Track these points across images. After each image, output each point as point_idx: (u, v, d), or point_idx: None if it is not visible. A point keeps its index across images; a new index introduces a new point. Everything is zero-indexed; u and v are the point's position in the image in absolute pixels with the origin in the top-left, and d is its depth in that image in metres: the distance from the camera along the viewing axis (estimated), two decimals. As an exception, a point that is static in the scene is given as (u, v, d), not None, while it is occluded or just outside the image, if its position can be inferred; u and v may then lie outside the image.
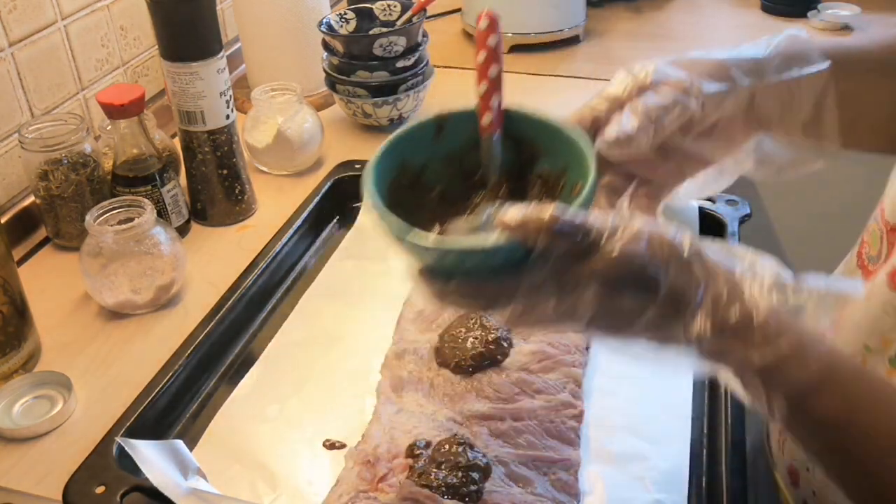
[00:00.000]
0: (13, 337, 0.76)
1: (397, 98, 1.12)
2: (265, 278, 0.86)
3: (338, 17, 1.16)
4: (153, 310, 0.85)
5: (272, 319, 0.85)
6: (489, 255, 0.45)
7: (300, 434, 0.70)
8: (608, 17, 1.54)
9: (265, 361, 0.78)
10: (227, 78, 0.93)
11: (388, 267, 0.90)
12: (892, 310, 0.57)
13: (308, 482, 0.66)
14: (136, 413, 0.69)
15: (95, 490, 0.62)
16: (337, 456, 0.67)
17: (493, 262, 0.45)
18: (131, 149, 0.90)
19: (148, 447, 0.64)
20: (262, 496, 0.65)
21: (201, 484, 0.63)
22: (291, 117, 1.05)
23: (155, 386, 0.72)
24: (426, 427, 0.66)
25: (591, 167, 0.48)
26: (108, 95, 0.87)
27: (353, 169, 1.01)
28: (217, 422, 0.72)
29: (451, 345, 0.73)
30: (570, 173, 0.51)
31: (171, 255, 0.84)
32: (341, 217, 0.99)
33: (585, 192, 0.47)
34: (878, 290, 0.59)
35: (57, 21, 1.00)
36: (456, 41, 1.47)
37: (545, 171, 0.53)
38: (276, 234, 0.91)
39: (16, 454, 0.70)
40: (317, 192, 0.98)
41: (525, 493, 0.61)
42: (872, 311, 0.59)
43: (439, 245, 0.46)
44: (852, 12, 1.46)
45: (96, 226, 0.81)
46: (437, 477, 0.61)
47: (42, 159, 0.90)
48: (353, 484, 0.62)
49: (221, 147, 0.95)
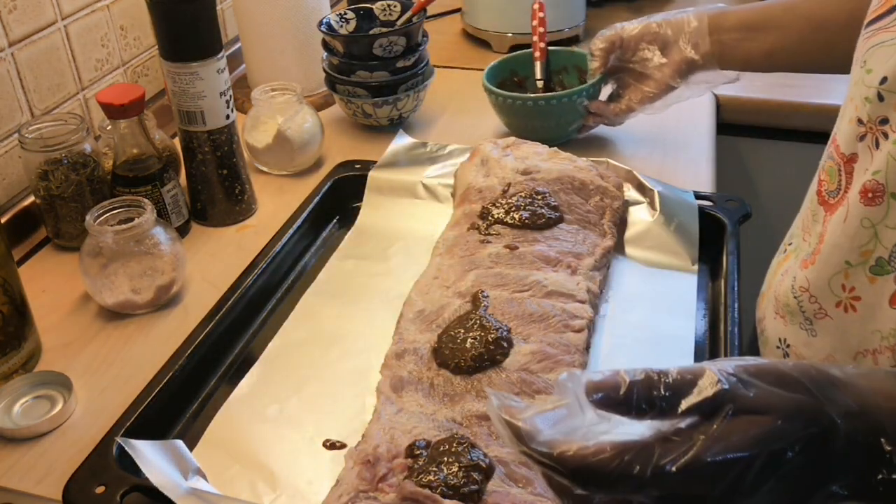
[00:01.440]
0: (13, 337, 0.76)
1: (397, 98, 1.12)
2: (265, 278, 0.86)
3: (338, 17, 1.16)
4: (153, 310, 0.85)
5: (272, 319, 0.84)
6: None
7: (300, 434, 0.70)
8: (608, 17, 1.53)
9: (265, 361, 0.78)
10: (227, 78, 0.93)
11: (388, 267, 0.90)
12: (869, 223, 0.65)
13: (308, 482, 0.66)
14: (136, 413, 0.69)
15: (95, 490, 0.62)
16: (337, 456, 0.67)
17: None
18: (131, 149, 0.90)
19: (148, 447, 0.64)
20: (262, 496, 0.65)
21: (201, 484, 0.63)
22: (291, 117, 1.05)
23: (155, 386, 0.71)
24: (426, 427, 0.66)
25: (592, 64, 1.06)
26: (108, 95, 0.87)
27: (353, 169, 1.01)
28: (217, 422, 0.72)
29: (451, 345, 0.73)
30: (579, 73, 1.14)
31: (171, 255, 0.84)
32: (341, 217, 0.99)
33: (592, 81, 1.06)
34: (853, 211, 0.66)
35: (57, 21, 1.00)
36: (456, 41, 1.47)
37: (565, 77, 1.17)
38: (276, 234, 0.91)
39: (16, 454, 0.70)
40: (317, 192, 0.98)
41: (525, 492, 0.61)
42: (850, 229, 0.66)
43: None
44: (852, 12, 1.46)
45: (96, 226, 0.81)
46: (437, 477, 0.61)
47: (42, 159, 0.90)
48: (353, 484, 0.62)
49: (221, 147, 0.95)
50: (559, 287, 0.78)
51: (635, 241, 0.90)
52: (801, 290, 0.73)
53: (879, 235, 0.65)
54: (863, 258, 0.67)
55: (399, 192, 0.99)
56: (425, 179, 0.99)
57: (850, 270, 0.68)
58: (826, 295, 0.71)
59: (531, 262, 0.81)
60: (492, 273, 0.80)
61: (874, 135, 0.65)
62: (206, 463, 0.66)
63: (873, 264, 0.66)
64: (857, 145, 0.67)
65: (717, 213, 0.89)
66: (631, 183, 0.94)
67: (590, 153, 1.02)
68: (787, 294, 0.76)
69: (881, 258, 0.65)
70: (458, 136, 1.11)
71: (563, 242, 0.84)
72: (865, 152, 0.67)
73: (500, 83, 1.13)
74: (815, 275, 0.71)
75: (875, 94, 0.64)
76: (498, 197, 0.88)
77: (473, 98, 1.22)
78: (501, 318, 0.75)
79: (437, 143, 1.03)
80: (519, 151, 0.95)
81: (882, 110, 0.64)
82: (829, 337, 0.72)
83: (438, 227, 0.91)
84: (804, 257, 0.74)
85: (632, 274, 0.87)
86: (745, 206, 0.90)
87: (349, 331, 0.81)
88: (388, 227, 0.96)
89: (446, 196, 0.98)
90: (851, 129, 0.68)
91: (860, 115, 0.66)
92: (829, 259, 0.69)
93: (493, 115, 1.13)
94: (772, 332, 0.80)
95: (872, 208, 0.65)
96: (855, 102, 0.68)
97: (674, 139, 1.11)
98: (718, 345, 0.77)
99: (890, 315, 0.66)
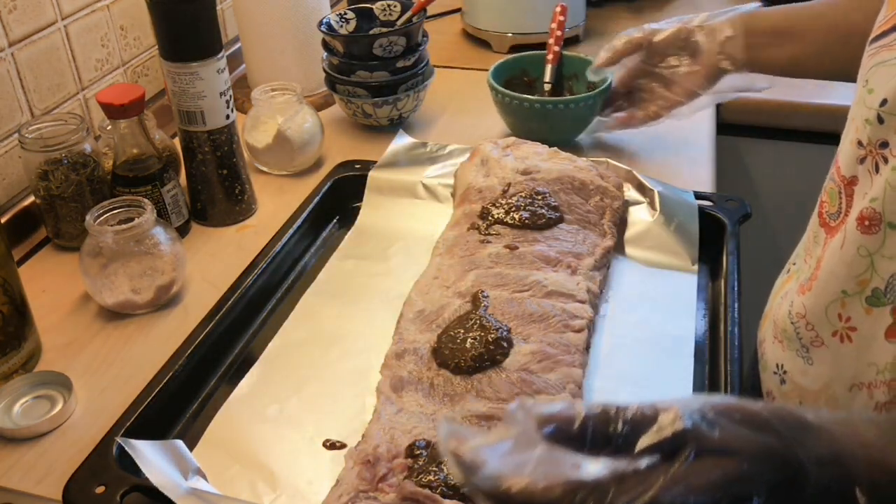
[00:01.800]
0: (13, 337, 0.76)
1: (397, 98, 1.12)
2: (265, 278, 0.86)
3: (338, 17, 1.16)
4: (153, 310, 0.85)
5: (272, 319, 0.84)
6: None
7: (300, 434, 0.70)
8: (608, 17, 1.54)
9: (265, 361, 0.78)
10: (227, 78, 0.93)
11: (389, 267, 0.90)
12: (866, 252, 0.62)
13: (308, 482, 0.66)
14: (136, 413, 0.69)
15: (95, 490, 0.62)
16: (337, 456, 0.67)
17: None
18: (131, 149, 0.90)
19: (148, 447, 0.64)
20: (262, 496, 0.65)
21: (201, 484, 0.63)
22: (291, 117, 1.05)
23: (155, 386, 0.71)
24: (426, 427, 0.66)
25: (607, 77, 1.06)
26: (108, 95, 0.87)
27: (353, 169, 1.01)
28: (217, 422, 0.72)
29: (451, 345, 0.73)
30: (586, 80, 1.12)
31: (171, 255, 0.84)
32: (341, 217, 0.99)
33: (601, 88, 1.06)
34: (850, 238, 0.63)
35: (57, 21, 1.00)
36: (456, 41, 1.47)
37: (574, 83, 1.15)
38: (275, 234, 0.91)
39: (16, 454, 0.70)
40: (317, 192, 0.98)
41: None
42: (847, 257, 0.64)
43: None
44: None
45: (96, 226, 0.81)
46: (437, 477, 0.61)
47: (42, 159, 0.90)
48: (353, 484, 0.62)
49: (221, 147, 0.95)
50: (559, 287, 0.78)
51: (635, 241, 0.90)
52: (798, 316, 0.71)
53: (876, 265, 0.62)
54: (859, 287, 0.64)
55: (399, 192, 0.99)
56: (425, 179, 0.99)
57: (846, 300, 0.65)
58: (823, 323, 0.68)
59: (531, 262, 0.81)
60: (492, 273, 0.80)
61: (874, 158, 0.63)
62: (206, 463, 0.66)
63: (869, 295, 0.63)
64: (858, 168, 0.65)
65: (717, 213, 0.89)
66: (631, 183, 0.94)
67: (590, 153, 1.03)
68: (785, 319, 0.74)
69: (877, 289, 0.63)
70: (458, 136, 1.11)
71: (563, 242, 0.84)
72: (866, 176, 0.64)
73: (507, 81, 1.13)
74: (812, 301, 0.69)
75: (875, 117, 0.62)
76: (498, 197, 0.88)
77: (473, 98, 1.22)
78: (501, 318, 0.75)
79: (437, 143, 1.03)
80: (519, 151, 0.95)
81: (882, 133, 0.61)
82: (826, 366, 0.70)
83: (438, 227, 0.91)
84: (802, 282, 0.72)
85: (632, 274, 0.87)
86: (745, 206, 0.90)
87: (349, 331, 0.81)
88: (388, 227, 0.96)
89: (446, 196, 0.98)
90: (852, 150, 0.65)
91: (860, 137, 0.64)
92: (827, 286, 0.67)
93: (493, 116, 1.13)
94: (770, 356, 0.78)
95: (869, 237, 0.62)
96: (856, 123, 0.65)
97: (674, 139, 1.11)
98: (718, 345, 0.77)
99: (886, 348, 0.63)
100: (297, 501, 0.64)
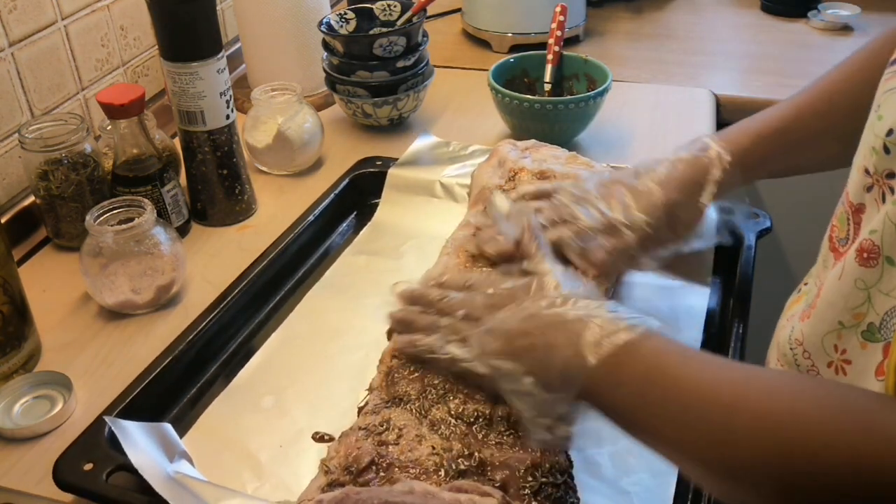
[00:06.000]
0: (13, 337, 0.76)
1: (397, 98, 1.12)
2: (265, 278, 0.86)
3: (338, 17, 1.16)
4: (153, 310, 0.85)
5: (272, 319, 0.85)
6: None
7: (292, 425, 0.71)
8: (608, 17, 1.54)
9: (265, 353, 0.79)
10: (227, 78, 0.93)
11: (400, 264, 0.90)
12: (863, 284, 0.60)
13: (293, 473, 0.67)
14: (133, 395, 0.70)
15: (83, 467, 0.63)
16: (324, 449, 0.67)
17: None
18: (131, 149, 0.90)
19: (135, 428, 0.64)
20: (246, 484, 0.66)
21: (186, 468, 0.63)
22: (291, 117, 1.05)
23: (153, 370, 0.73)
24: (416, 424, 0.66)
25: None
26: (108, 95, 0.87)
27: (373, 165, 1.02)
28: (212, 409, 0.73)
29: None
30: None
31: (171, 255, 0.84)
32: (359, 213, 1.00)
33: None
34: (849, 268, 0.61)
35: (57, 21, 1.00)
36: (456, 41, 1.47)
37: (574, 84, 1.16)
38: (279, 236, 0.91)
39: (16, 454, 0.70)
40: (335, 186, 0.98)
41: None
42: (845, 288, 0.62)
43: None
44: (852, 12, 1.46)
45: (96, 226, 0.81)
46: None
47: (42, 159, 0.90)
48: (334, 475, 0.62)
49: (221, 147, 0.95)
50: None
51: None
52: (796, 342, 0.69)
53: (872, 300, 0.60)
54: (855, 321, 0.61)
55: (417, 190, 0.99)
56: (443, 178, 1.00)
57: (843, 332, 0.63)
58: (819, 353, 0.66)
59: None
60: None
61: (881, 188, 0.60)
62: (196, 449, 0.66)
63: (865, 329, 0.61)
64: (865, 196, 0.62)
65: (736, 225, 0.86)
66: None
67: (590, 154, 1.02)
68: (785, 344, 0.72)
69: (872, 324, 0.60)
70: (458, 137, 1.11)
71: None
72: (873, 205, 0.61)
73: (507, 81, 1.13)
74: (810, 330, 0.67)
75: (882, 146, 0.59)
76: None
77: (473, 98, 1.22)
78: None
79: (460, 143, 1.03)
80: (537, 154, 0.93)
81: (888, 164, 0.59)
82: None
83: (452, 226, 0.90)
84: (804, 308, 0.70)
85: (643, 286, 0.86)
86: (767, 219, 0.87)
87: (352, 325, 0.82)
88: (403, 224, 0.96)
89: (463, 196, 0.97)
90: (860, 178, 0.63)
91: (867, 165, 0.61)
92: (825, 316, 0.64)
93: (493, 116, 1.13)
94: None
95: (867, 269, 0.60)
96: (864, 150, 0.63)
97: (674, 139, 1.10)
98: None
99: (876, 386, 0.60)
100: (279, 491, 0.65)
